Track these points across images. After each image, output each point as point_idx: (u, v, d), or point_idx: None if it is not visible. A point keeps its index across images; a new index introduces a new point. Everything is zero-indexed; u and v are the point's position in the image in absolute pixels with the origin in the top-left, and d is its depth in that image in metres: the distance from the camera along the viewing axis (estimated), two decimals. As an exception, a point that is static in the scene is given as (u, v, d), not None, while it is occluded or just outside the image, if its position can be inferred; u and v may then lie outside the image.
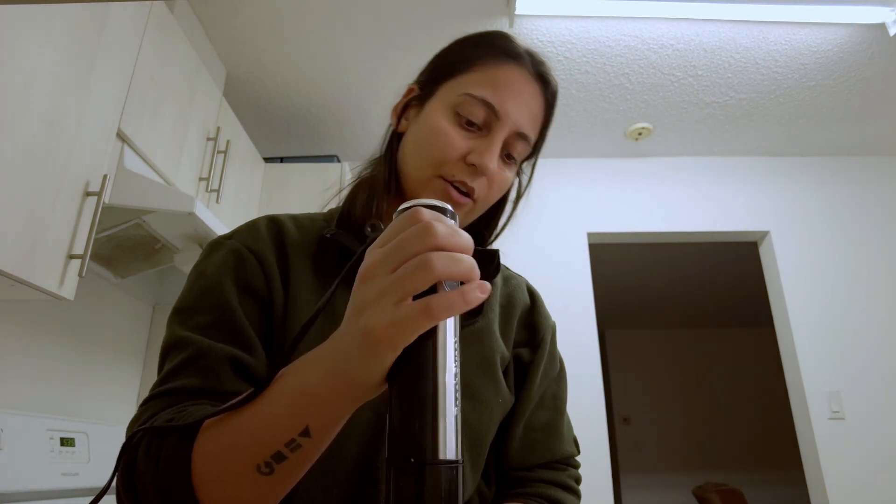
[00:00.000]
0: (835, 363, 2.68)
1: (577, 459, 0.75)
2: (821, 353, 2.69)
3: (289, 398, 0.40)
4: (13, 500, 1.31)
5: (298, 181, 2.43)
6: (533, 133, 0.65)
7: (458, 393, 0.36)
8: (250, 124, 2.72)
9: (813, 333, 2.72)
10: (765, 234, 2.94)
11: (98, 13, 1.31)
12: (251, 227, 0.64)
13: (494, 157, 0.61)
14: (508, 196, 0.72)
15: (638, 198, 3.01)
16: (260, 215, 0.67)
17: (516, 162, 0.66)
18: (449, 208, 0.38)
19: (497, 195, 0.66)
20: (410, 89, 0.69)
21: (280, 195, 2.40)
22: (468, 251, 0.35)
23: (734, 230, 2.94)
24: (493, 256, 0.70)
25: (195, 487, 0.42)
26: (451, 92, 0.63)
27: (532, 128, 0.65)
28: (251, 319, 0.57)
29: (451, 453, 0.34)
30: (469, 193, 0.62)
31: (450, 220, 0.37)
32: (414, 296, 0.34)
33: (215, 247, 0.62)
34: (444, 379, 0.35)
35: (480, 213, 0.67)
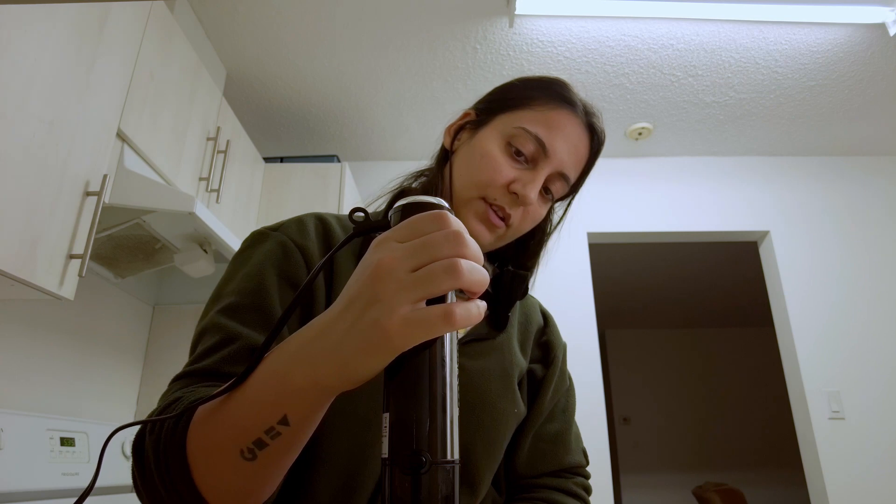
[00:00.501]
0: (835, 363, 2.67)
1: (587, 470, 0.77)
2: (821, 353, 2.68)
3: (266, 385, 0.39)
4: (13, 500, 1.31)
5: (298, 181, 2.43)
6: (574, 175, 0.71)
7: (458, 394, 0.36)
8: (250, 124, 2.72)
9: (813, 333, 2.72)
10: (765, 234, 2.94)
11: (98, 13, 1.31)
12: (299, 223, 0.66)
13: (536, 190, 0.66)
14: (546, 228, 0.78)
15: (638, 198, 3.01)
16: (260, 215, 0.68)
17: (552, 199, 0.72)
18: (446, 206, 0.39)
19: (529, 226, 0.71)
20: (466, 113, 0.75)
21: (280, 195, 2.40)
22: (481, 264, 0.36)
23: (734, 230, 2.94)
24: (525, 279, 0.73)
25: (191, 467, 0.42)
26: (507, 124, 0.68)
27: (574, 170, 0.71)
28: None
29: (452, 453, 0.35)
30: (505, 219, 0.67)
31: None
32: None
33: (261, 238, 0.63)
34: (449, 379, 0.35)
35: (510, 241, 0.72)
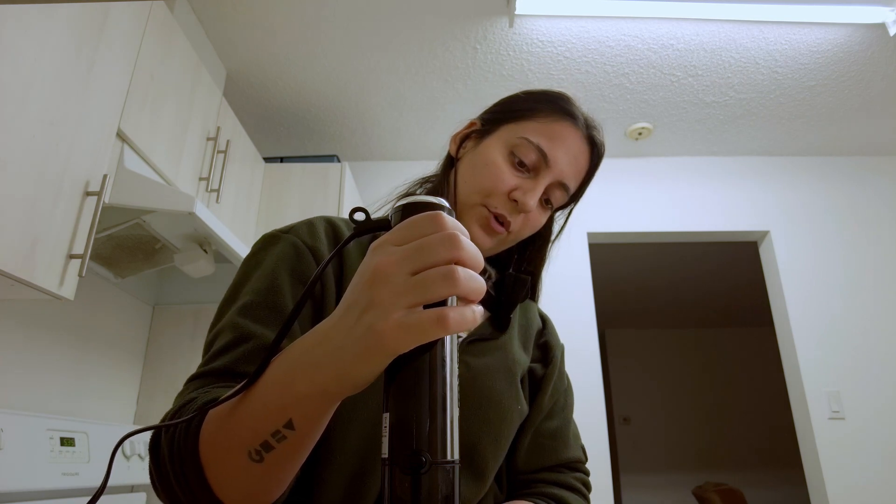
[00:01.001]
0: (835, 363, 2.67)
1: (587, 467, 0.78)
2: (821, 354, 2.68)
3: (271, 390, 0.40)
4: (13, 500, 1.31)
5: (298, 181, 2.43)
6: (573, 185, 0.73)
7: (458, 394, 0.36)
8: (250, 124, 2.72)
9: (813, 333, 2.72)
10: (765, 234, 2.94)
11: (98, 13, 1.31)
12: (310, 225, 0.67)
13: (536, 198, 0.68)
14: (547, 236, 0.81)
15: (638, 198, 3.01)
16: (260, 215, 0.69)
17: (552, 208, 0.73)
18: (446, 205, 0.39)
19: (528, 233, 0.72)
20: (472, 123, 0.77)
21: (280, 195, 2.40)
22: (480, 267, 0.36)
23: (734, 230, 2.94)
24: (526, 283, 0.75)
25: (203, 467, 0.43)
26: (511, 134, 0.71)
27: (574, 180, 0.73)
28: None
29: (452, 453, 0.35)
30: (505, 226, 0.69)
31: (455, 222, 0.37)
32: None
33: (272, 240, 0.65)
34: (449, 380, 0.36)
35: (509, 246, 0.74)
